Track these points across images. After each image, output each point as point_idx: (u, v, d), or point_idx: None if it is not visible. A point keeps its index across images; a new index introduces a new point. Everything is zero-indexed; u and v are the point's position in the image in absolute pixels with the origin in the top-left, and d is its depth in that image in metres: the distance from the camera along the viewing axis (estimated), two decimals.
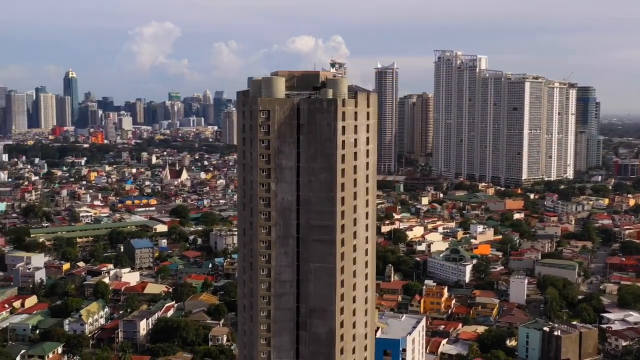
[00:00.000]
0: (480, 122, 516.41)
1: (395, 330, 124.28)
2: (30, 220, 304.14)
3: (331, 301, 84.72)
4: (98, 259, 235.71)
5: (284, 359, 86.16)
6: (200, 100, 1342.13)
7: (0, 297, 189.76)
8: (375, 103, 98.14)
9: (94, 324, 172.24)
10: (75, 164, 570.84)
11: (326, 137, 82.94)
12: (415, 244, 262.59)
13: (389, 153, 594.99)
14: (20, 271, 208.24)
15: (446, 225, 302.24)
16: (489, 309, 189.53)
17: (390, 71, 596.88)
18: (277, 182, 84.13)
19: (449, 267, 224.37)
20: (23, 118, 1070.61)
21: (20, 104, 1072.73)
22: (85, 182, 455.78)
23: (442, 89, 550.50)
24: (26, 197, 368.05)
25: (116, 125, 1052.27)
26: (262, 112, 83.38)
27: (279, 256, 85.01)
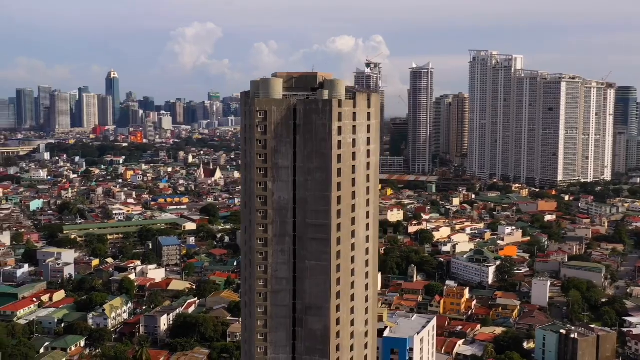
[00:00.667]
0: (515, 122, 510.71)
1: (404, 330, 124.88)
2: (65, 217, 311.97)
3: (326, 299, 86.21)
4: (126, 255, 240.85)
5: (280, 354, 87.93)
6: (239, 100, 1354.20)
7: (30, 291, 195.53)
8: (376, 104, 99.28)
9: (117, 318, 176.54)
10: (113, 162, 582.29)
11: (321, 137, 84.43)
12: (440, 244, 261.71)
13: (424, 153, 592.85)
14: (50, 266, 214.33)
15: (474, 227, 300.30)
16: (510, 311, 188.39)
17: (425, 71, 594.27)
18: (274, 181, 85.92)
19: (472, 268, 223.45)
20: (66, 117, 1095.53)
21: (64, 104, 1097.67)
22: (121, 180, 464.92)
23: (476, 89, 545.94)
24: (62, 194, 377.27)
25: (156, 124, 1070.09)
26: (259, 112, 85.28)
27: (275, 254, 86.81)
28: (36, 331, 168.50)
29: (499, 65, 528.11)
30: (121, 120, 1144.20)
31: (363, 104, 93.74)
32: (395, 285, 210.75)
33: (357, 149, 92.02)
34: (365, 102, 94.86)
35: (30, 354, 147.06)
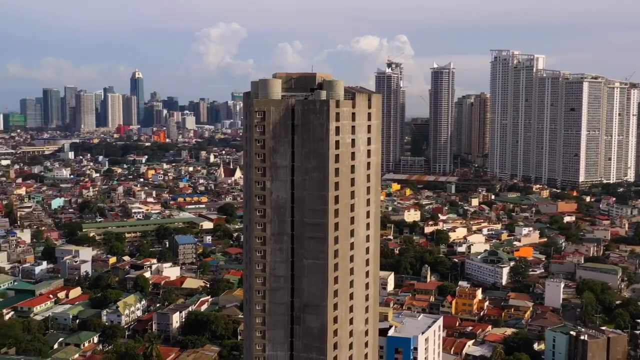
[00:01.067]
0: (536, 122, 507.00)
1: (409, 329, 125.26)
2: (85, 216, 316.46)
3: (323, 297, 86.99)
4: (143, 253, 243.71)
5: (278, 351, 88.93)
6: None
7: (47, 288, 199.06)
8: (378, 104, 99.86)
9: (131, 315, 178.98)
10: (136, 161, 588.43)
11: (319, 137, 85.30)
12: (456, 245, 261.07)
13: (444, 154, 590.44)
14: (68, 264, 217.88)
15: (491, 227, 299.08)
16: (522, 312, 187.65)
17: (446, 71, 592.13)
18: (272, 180, 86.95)
19: (486, 269, 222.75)
20: (92, 117, 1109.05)
21: (89, 104, 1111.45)
22: (142, 179, 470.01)
23: (498, 89, 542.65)
24: (84, 193, 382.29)
25: (179, 124, 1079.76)
26: (257, 112, 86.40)
27: (273, 252, 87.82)
28: (51, 327, 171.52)
29: (521, 65, 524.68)
30: (145, 120, 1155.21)
31: (363, 105, 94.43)
32: (408, 285, 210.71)
33: (356, 148, 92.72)
34: (366, 103, 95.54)
35: (44, 349, 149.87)
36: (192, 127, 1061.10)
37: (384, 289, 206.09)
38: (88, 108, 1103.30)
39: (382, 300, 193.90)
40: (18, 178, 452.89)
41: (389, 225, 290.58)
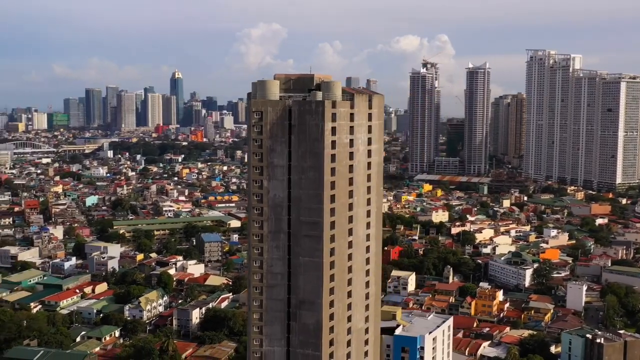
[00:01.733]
0: (572, 123, 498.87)
1: (418, 329, 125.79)
2: (117, 213, 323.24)
3: (318, 294, 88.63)
4: (170, 251, 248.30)
5: (275, 347, 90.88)
6: None
7: (74, 283, 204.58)
8: (379, 105, 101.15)
9: (152, 311, 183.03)
10: (172, 160, 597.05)
11: (314, 137, 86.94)
12: (481, 246, 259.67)
13: (479, 154, 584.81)
14: (95, 259, 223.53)
15: (520, 229, 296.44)
16: (542, 314, 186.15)
17: (482, 71, 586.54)
18: (270, 179, 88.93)
19: (509, 271, 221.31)
20: (132, 116, 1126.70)
21: (130, 104, 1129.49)
22: (176, 178, 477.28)
23: (533, 89, 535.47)
24: (118, 191, 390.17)
25: (217, 124, 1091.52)
26: (255, 112, 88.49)
27: (270, 249, 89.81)
28: (76, 321, 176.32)
29: (557, 65, 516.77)
30: (185, 119, 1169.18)
31: (363, 105, 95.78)
32: (429, 285, 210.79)
33: (355, 148, 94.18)
34: (366, 103, 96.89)
35: (66, 342, 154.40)
36: (230, 126, 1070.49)
37: (405, 289, 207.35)
38: (128, 107, 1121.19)
39: (402, 300, 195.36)
40: (56, 176, 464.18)
41: (414, 225, 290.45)
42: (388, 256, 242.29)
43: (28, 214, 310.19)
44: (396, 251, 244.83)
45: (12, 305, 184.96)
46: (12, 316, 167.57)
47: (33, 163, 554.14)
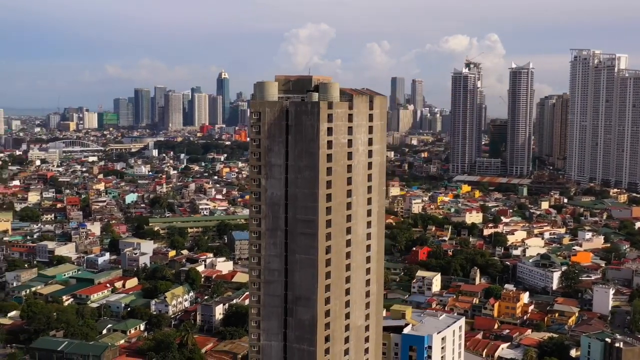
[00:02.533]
0: (617, 124, 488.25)
1: (427, 328, 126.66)
2: (155, 211, 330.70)
3: (313, 291, 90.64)
4: (201, 248, 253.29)
5: (272, 341, 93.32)
6: None
7: (106, 277, 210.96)
8: (381, 105, 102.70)
9: (178, 306, 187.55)
10: (214, 159, 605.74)
11: (310, 138, 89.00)
12: (511, 248, 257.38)
13: (522, 156, 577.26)
14: (127, 255, 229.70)
15: (554, 231, 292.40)
16: (566, 317, 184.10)
17: (525, 71, 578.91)
18: (267, 178, 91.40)
19: (537, 273, 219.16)
20: (179, 116, 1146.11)
21: (177, 103, 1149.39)
22: (216, 177, 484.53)
23: (577, 89, 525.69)
24: (157, 189, 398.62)
25: None
26: (253, 113, 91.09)
27: (268, 246, 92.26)
28: (104, 314, 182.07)
29: (602, 65, 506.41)
30: (230, 119, 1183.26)
31: (362, 106, 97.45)
32: (455, 286, 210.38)
33: (354, 149, 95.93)
34: (366, 104, 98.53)
35: (91, 334, 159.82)
36: None
37: (429, 290, 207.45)
38: (176, 107, 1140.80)
39: (425, 300, 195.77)
40: (100, 174, 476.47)
41: (445, 226, 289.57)
42: (416, 256, 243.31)
43: (69, 210, 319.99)
44: (424, 251, 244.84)
45: (45, 298, 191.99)
46: (43, 308, 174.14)
47: (80, 161, 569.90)
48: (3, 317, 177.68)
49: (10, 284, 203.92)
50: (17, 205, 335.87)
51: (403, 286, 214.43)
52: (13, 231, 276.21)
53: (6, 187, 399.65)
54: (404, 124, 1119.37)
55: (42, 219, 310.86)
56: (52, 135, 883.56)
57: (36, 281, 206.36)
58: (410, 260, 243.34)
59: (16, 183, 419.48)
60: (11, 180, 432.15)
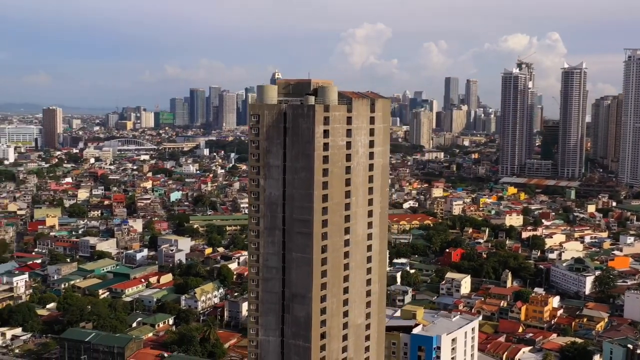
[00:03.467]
0: None
1: (438, 329, 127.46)
2: (197, 209, 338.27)
3: (309, 288, 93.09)
4: (237, 246, 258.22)
5: (270, 337, 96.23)
6: (399, 101, 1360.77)
7: (142, 273, 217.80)
8: (384, 108, 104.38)
9: (207, 302, 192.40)
10: None
11: (306, 140, 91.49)
12: (548, 251, 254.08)
13: (574, 158, 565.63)
14: (164, 252, 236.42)
15: (596, 235, 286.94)
16: (595, 323, 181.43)
17: (578, 71, 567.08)
18: (266, 178, 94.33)
19: (570, 277, 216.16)
20: (233, 116, 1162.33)
21: (231, 103, 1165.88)
22: None
23: (631, 89, 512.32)
24: (202, 187, 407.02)
25: None
26: (253, 116, 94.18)
27: (266, 244, 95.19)
28: (136, 308, 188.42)
29: None
30: None
31: (362, 109, 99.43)
32: (484, 289, 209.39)
33: (353, 150, 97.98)
34: (367, 107, 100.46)
35: (120, 326, 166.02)
36: None
37: (458, 291, 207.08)
38: (230, 107, 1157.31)
39: (452, 302, 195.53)
40: (149, 172, 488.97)
41: (483, 228, 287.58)
42: (449, 258, 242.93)
43: (114, 207, 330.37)
44: (457, 253, 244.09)
45: (82, 291, 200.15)
46: (78, 301, 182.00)
47: (132, 160, 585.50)
48: (42, 308, 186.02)
49: (51, 277, 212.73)
50: (66, 202, 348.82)
51: (433, 287, 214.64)
52: (60, 226, 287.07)
53: (58, 184, 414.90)
54: (457, 125, 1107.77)
55: (89, 215, 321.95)
56: (109, 134, 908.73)
57: (75, 275, 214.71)
58: (443, 261, 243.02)
59: (68, 180, 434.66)
60: (64, 178, 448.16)
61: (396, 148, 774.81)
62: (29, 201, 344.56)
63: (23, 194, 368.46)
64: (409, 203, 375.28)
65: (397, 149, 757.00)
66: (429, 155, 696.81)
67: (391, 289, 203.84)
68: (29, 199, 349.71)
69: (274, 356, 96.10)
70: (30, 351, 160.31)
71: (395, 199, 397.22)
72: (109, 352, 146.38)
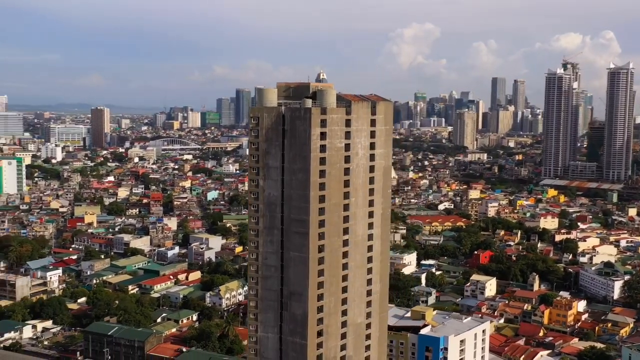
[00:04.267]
0: None
1: (446, 330, 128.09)
2: (233, 208, 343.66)
3: (305, 286, 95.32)
4: None
5: (269, 333, 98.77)
6: (445, 101, 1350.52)
7: (171, 270, 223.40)
8: (386, 111, 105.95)
9: (231, 299, 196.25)
10: None
11: (302, 142, 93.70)
12: (579, 255, 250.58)
13: (619, 160, 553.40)
14: (194, 249, 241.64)
15: (633, 239, 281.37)
16: (619, 328, 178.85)
17: (625, 71, 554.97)
18: (265, 179, 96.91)
19: (599, 281, 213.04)
20: None
21: None
22: None
23: None
24: (239, 187, 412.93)
25: None
26: (252, 118, 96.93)
27: (265, 243, 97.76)
28: (163, 304, 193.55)
29: None
30: None
31: (362, 112, 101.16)
32: (510, 292, 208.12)
33: (352, 152, 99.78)
34: (367, 110, 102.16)
35: (144, 321, 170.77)
36: None
37: (482, 294, 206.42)
38: None
39: (475, 304, 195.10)
40: (189, 171, 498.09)
41: (515, 231, 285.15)
42: (477, 260, 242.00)
43: (152, 205, 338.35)
44: (486, 255, 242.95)
45: (113, 287, 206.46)
46: (107, 296, 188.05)
47: (174, 159, 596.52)
48: (73, 302, 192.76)
49: (85, 272, 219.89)
50: (106, 200, 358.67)
51: (458, 289, 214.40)
52: (98, 224, 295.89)
53: (99, 182, 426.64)
54: (504, 126, 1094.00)
55: (127, 213, 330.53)
56: (156, 133, 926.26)
57: (107, 271, 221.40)
58: (472, 263, 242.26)
59: (110, 179, 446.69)
60: (106, 176, 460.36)
61: (439, 149, 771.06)
62: (71, 199, 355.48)
63: (66, 191, 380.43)
64: (444, 205, 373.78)
65: (440, 150, 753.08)
66: (472, 156, 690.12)
67: (415, 290, 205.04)
68: (71, 197, 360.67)
69: (272, 352, 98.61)
70: (59, 343, 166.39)
71: (431, 200, 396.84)
72: (130, 345, 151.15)
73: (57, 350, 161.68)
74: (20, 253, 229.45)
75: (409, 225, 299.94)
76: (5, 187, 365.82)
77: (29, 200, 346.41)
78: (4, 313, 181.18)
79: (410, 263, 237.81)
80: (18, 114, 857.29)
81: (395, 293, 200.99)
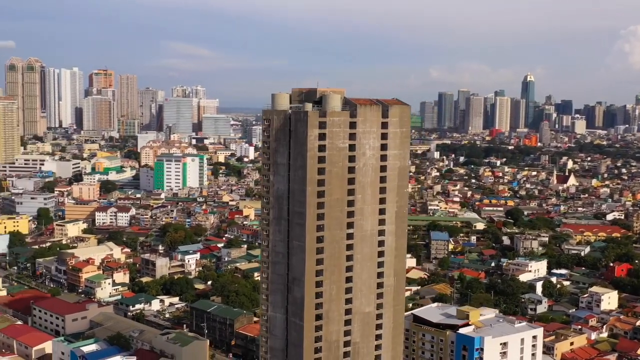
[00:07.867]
0: None
1: (490, 331, 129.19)
2: None
3: (302, 273, 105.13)
4: None
5: (277, 313, 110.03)
6: None
7: None
8: (401, 114, 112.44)
9: None
10: (491, 163, 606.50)
11: (302, 142, 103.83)
12: None
13: None
14: None
15: None
16: None
17: None
18: (274, 174, 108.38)
19: None
20: (479, 119, 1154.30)
21: (478, 107, 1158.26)
22: (474, 180, 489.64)
23: None
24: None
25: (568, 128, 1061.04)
26: (265, 120, 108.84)
27: (274, 232, 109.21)
28: None
29: None
30: (534, 123, 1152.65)
31: (370, 115, 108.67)
32: (631, 307, 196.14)
33: (358, 152, 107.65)
34: (376, 113, 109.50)
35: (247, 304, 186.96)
36: (582, 131, 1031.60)
37: (598, 306, 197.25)
38: (476, 111, 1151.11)
39: (583, 316, 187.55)
40: None
41: None
42: (612, 272, 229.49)
43: None
44: (622, 268, 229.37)
45: (242, 273, 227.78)
46: (229, 279, 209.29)
47: None
48: (203, 283, 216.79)
49: (223, 258, 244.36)
50: None
51: (576, 301, 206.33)
52: (256, 217, 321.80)
53: None
54: None
55: None
56: None
57: (242, 258, 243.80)
58: (606, 276, 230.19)
59: None
60: None
61: None
62: (242, 194, 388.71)
63: (239, 187, 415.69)
64: (614, 215, 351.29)
65: None
66: None
67: (525, 297, 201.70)
68: (242, 192, 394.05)
69: (279, 330, 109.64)
70: (177, 317, 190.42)
71: (603, 209, 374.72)
72: (223, 322, 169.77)
73: (171, 322, 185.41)
74: (174, 238, 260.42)
75: (557, 233, 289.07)
76: (189, 181, 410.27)
77: (207, 194, 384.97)
78: (143, 287, 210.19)
79: (538, 271, 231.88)
80: (227, 116, 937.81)
81: (502, 298, 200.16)
